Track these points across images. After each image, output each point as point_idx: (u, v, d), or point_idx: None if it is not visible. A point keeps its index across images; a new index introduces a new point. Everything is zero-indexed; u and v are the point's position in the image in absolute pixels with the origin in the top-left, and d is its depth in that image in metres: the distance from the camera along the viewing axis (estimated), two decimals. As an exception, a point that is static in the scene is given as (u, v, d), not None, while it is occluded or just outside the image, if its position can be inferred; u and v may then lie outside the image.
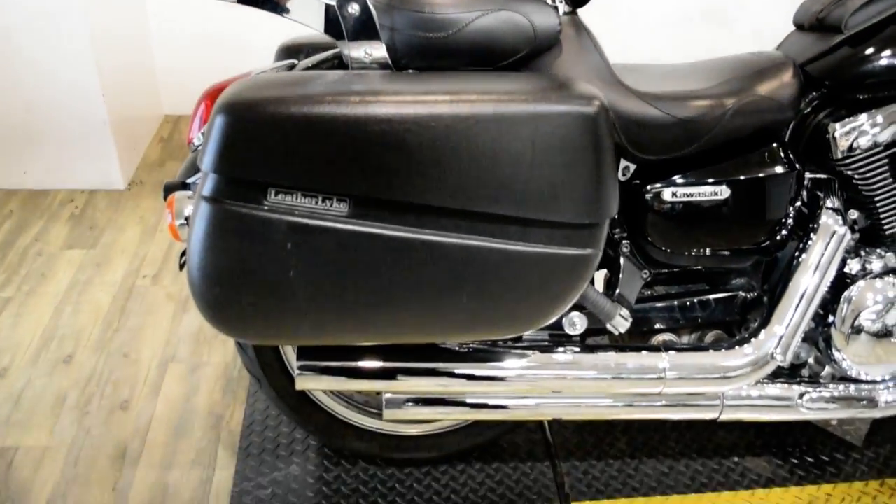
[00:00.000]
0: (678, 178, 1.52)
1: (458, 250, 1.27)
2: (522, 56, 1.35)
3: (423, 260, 1.26)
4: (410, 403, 1.64)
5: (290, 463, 1.92)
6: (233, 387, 2.20)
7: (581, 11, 1.49)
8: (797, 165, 1.56)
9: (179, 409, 2.13)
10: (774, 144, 1.56)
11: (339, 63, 1.46)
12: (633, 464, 1.94)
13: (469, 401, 1.64)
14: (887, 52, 1.50)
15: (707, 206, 1.53)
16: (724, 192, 1.53)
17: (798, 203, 1.61)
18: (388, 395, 1.63)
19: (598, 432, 2.02)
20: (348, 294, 1.28)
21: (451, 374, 1.56)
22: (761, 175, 1.54)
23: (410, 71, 1.33)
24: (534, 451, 1.96)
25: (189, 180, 1.47)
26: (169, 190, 1.46)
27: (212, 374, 2.25)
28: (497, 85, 1.26)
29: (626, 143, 1.43)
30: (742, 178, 1.53)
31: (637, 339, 1.73)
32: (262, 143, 1.18)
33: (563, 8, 1.45)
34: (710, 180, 1.52)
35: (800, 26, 1.67)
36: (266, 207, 1.21)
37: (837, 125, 1.55)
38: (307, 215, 1.22)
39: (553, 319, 1.40)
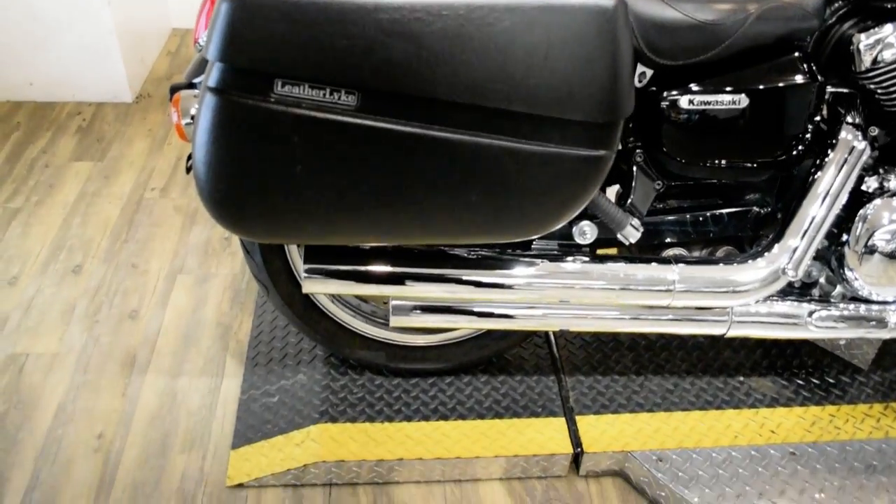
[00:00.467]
0: (695, 86, 1.48)
1: (468, 148, 1.24)
2: None
3: (433, 157, 1.24)
4: (417, 311, 1.63)
5: (298, 372, 1.93)
6: (241, 298, 2.20)
7: None
8: (819, 77, 1.51)
9: (188, 320, 2.14)
10: (796, 54, 1.51)
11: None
12: (638, 380, 1.94)
13: (476, 309, 1.64)
14: (918, -41, 1.45)
15: (724, 115, 1.50)
16: (742, 101, 1.49)
17: (818, 117, 1.57)
18: (394, 302, 1.63)
19: (604, 349, 2.02)
20: (355, 191, 1.26)
21: (459, 281, 1.55)
22: (781, 85, 1.50)
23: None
24: (540, 365, 1.97)
25: (195, 80, 1.44)
26: (175, 90, 1.43)
27: (220, 285, 2.25)
28: (513, -25, 1.21)
29: (644, 46, 1.39)
30: (761, 87, 1.49)
31: (647, 253, 1.71)
32: (268, 30, 1.14)
33: None
34: (729, 89, 1.48)
35: (829, -69, 1.61)
36: (273, 99, 1.19)
37: (862, 36, 1.50)
38: (315, 108, 1.20)
39: (564, 223, 1.38)
